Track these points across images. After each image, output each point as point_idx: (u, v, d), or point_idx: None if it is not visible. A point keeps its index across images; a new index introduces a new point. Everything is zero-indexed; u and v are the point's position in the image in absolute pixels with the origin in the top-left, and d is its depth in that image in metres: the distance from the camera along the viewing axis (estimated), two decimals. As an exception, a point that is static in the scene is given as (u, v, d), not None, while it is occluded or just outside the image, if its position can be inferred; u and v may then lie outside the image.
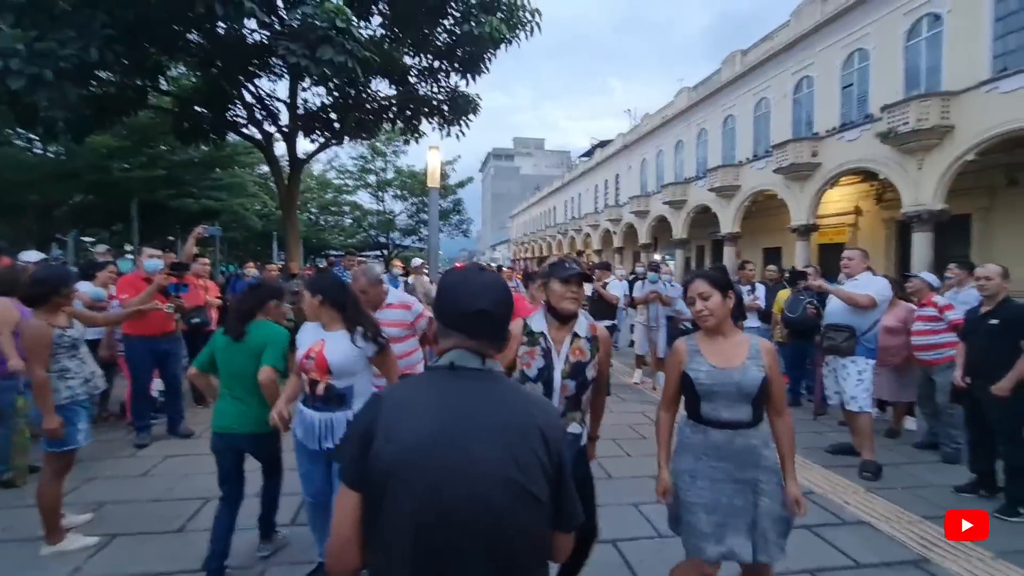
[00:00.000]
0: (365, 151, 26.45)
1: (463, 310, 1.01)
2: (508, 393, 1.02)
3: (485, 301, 1.01)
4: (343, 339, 2.31)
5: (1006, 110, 11.62)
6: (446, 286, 1.08)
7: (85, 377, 2.85)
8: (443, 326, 1.05)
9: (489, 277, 1.07)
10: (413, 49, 9.71)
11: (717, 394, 1.87)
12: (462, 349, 1.01)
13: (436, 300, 1.08)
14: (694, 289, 1.93)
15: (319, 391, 2.30)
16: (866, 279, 4.25)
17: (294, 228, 9.93)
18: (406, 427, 0.93)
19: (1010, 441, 3.36)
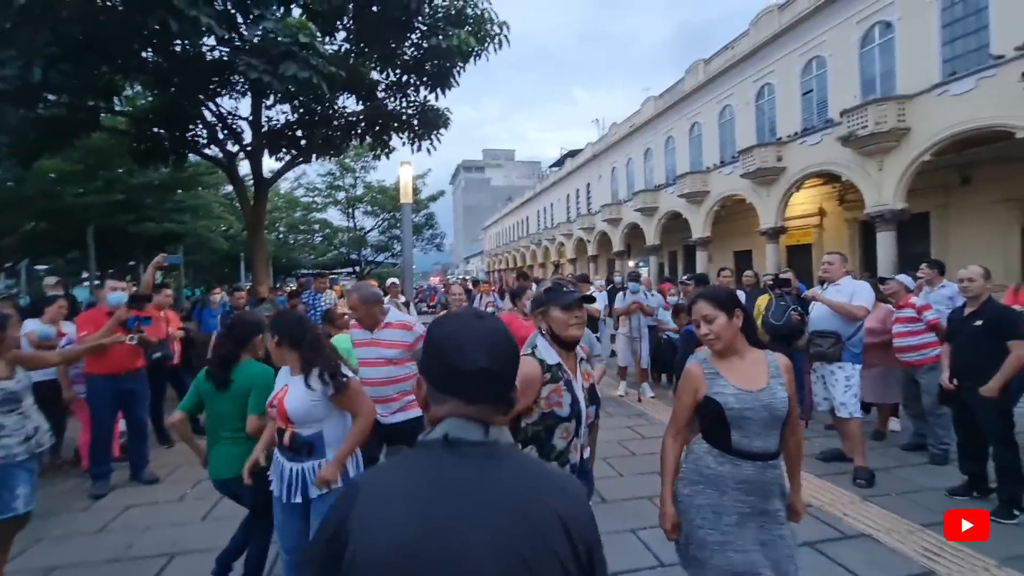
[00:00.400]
0: (334, 168, 26.00)
1: (460, 369, 0.83)
2: (517, 473, 0.82)
3: (487, 357, 0.83)
4: (302, 383, 2.13)
5: (957, 112, 12.12)
6: (437, 339, 0.88)
7: (26, 434, 2.55)
8: (435, 389, 0.86)
9: (490, 326, 0.89)
10: (380, 64, 9.53)
11: (749, 420, 1.72)
12: (459, 417, 0.83)
13: (425, 356, 0.89)
14: (697, 311, 1.83)
15: (285, 440, 2.14)
16: (847, 283, 4.26)
17: (261, 250, 9.56)
18: (386, 526, 0.74)
19: (1000, 442, 3.35)
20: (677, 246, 26.90)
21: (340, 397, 2.16)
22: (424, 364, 0.89)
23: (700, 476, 1.81)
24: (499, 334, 0.88)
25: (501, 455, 0.83)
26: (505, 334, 0.89)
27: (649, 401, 6.63)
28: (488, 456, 0.82)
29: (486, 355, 0.83)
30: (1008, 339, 3.30)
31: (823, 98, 16.37)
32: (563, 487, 0.84)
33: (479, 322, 0.89)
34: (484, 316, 0.92)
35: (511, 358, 0.88)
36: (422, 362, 0.89)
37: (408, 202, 7.96)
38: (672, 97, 24.35)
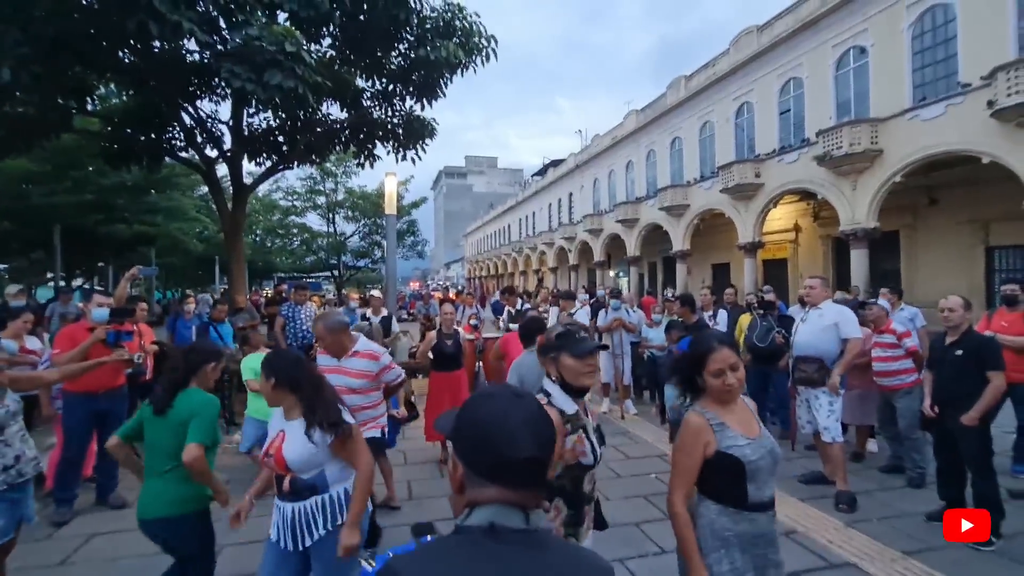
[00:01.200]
0: (314, 172, 25.63)
1: (507, 458, 0.81)
2: (559, 562, 0.80)
3: (534, 444, 0.82)
4: (300, 430, 2.01)
5: (927, 136, 12.58)
6: (478, 423, 0.85)
7: (4, 464, 2.38)
8: (476, 474, 0.84)
9: (532, 408, 0.87)
10: (366, 72, 9.44)
11: (762, 471, 1.67)
12: (502, 504, 0.81)
13: (465, 441, 0.87)
14: (723, 359, 1.71)
15: (285, 487, 2.04)
16: (829, 308, 4.35)
17: (239, 258, 9.32)
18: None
19: (979, 470, 3.43)
20: (657, 258, 27.24)
21: (340, 446, 2.03)
22: (464, 449, 0.86)
23: (720, 541, 1.69)
24: (542, 417, 0.88)
25: (542, 542, 0.81)
26: (546, 416, 0.89)
27: (632, 418, 6.63)
28: (530, 544, 0.80)
29: (533, 442, 0.83)
30: (988, 369, 3.39)
31: (800, 118, 16.82)
32: (601, 571, 0.84)
33: (521, 404, 0.87)
34: (523, 396, 0.90)
35: (553, 441, 0.89)
36: (461, 446, 0.87)
37: (392, 213, 7.85)
38: (654, 111, 24.74)
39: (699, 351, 1.77)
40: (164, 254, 25.22)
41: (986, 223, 13.55)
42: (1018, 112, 10.36)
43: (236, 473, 4.41)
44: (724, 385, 1.72)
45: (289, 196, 27.03)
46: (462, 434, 0.86)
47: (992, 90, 10.87)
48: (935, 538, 3.47)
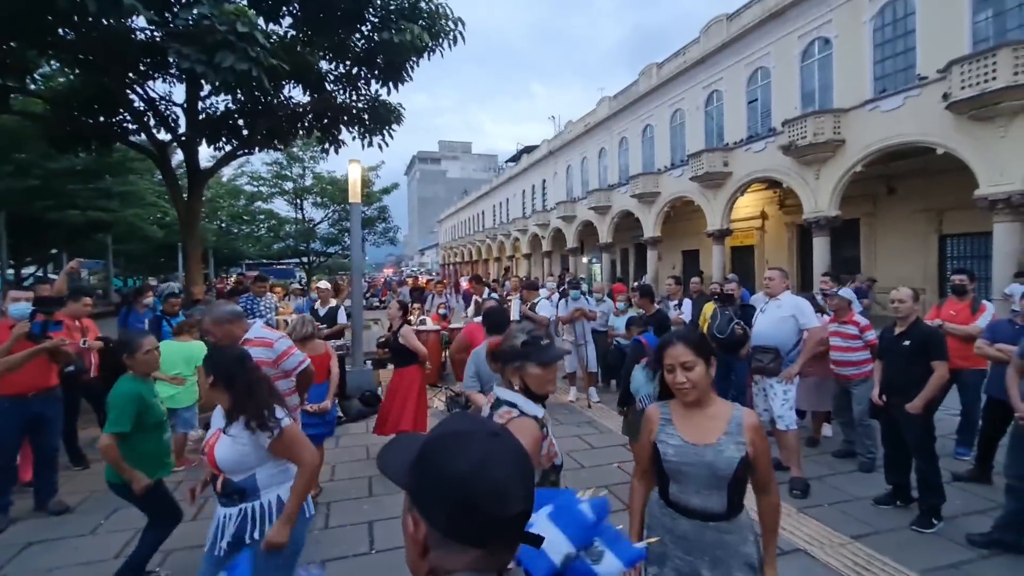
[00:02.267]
0: (281, 157, 24.85)
1: (498, 519, 0.65)
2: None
3: (525, 495, 0.67)
4: (236, 428, 1.97)
5: (886, 127, 12.92)
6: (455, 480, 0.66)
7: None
8: (447, 536, 0.66)
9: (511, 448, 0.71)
10: (329, 54, 9.10)
11: (686, 475, 1.66)
12: (477, 572, 0.66)
13: (434, 501, 0.67)
14: (674, 356, 1.67)
15: (218, 487, 1.98)
16: (787, 299, 4.42)
17: (196, 248, 8.96)
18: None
19: (923, 456, 3.56)
20: (629, 244, 27.49)
21: (279, 446, 1.99)
22: (436, 511, 0.67)
23: (650, 519, 1.81)
24: (524, 456, 0.72)
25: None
26: (525, 453, 0.73)
27: (598, 408, 6.69)
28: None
29: (525, 492, 0.67)
30: (932, 359, 3.51)
31: (767, 107, 17.06)
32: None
33: (502, 445, 0.70)
34: (499, 432, 0.73)
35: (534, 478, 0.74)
36: (431, 506, 0.68)
37: (357, 201, 7.64)
38: (626, 99, 24.75)
39: (659, 345, 1.78)
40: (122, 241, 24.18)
41: (940, 212, 14.07)
42: (971, 105, 10.71)
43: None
44: (674, 382, 1.69)
45: (255, 181, 26.17)
46: (433, 493, 0.67)
47: (947, 83, 11.20)
48: (882, 521, 3.61)
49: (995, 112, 10.50)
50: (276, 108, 9.44)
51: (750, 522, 1.73)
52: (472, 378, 3.45)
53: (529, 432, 1.64)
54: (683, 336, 1.74)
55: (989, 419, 4.13)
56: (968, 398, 4.66)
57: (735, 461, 1.62)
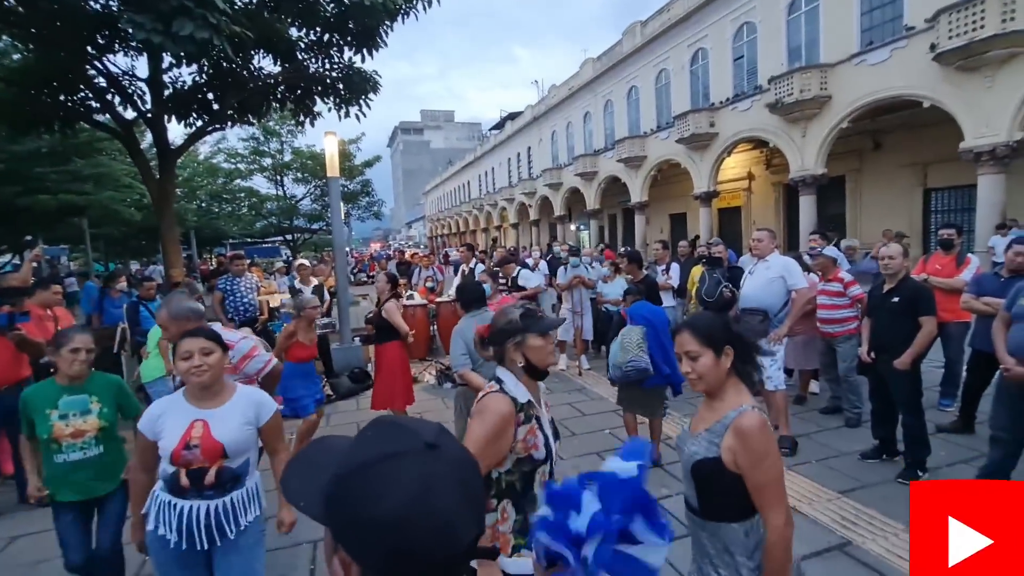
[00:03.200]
0: (257, 132, 24.10)
1: (444, 556, 0.54)
2: None
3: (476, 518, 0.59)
4: (234, 411, 1.94)
5: (873, 81, 12.73)
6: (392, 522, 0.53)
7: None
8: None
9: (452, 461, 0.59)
10: (297, 20, 8.66)
11: (680, 463, 1.61)
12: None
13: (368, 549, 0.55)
14: (680, 344, 1.56)
15: (209, 479, 1.87)
16: (775, 260, 4.38)
17: (171, 228, 8.70)
18: None
19: (909, 411, 3.59)
20: (616, 210, 27.34)
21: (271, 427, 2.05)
22: (366, 553, 0.55)
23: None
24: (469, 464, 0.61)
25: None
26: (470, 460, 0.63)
27: (588, 375, 6.71)
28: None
29: (475, 514, 0.58)
30: (920, 314, 3.50)
31: (753, 65, 16.72)
32: None
33: (441, 460, 0.58)
34: (436, 444, 0.59)
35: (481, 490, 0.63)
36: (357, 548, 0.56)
37: (335, 175, 7.41)
38: (610, 60, 24.14)
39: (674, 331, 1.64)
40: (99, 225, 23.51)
41: (925, 166, 14.05)
42: (958, 55, 10.55)
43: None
44: (683, 370, 1.57)
45: (232, 159, 25.45)
46: (364, 538, 0.55)
47: (935, 33, 10.99)
48: (868, 476, 3.67)
49: (982, 62, 10.35)
50: (246, 80, 9.05)
51: (742, 540, 1.46)
52: (463, 355, 3.37)
53: (495, 409, 1.59)
54: (691, 323, 1.58)
55: (974, 371, 4.18)
56: (952, 350, 4.71)
57: (694, 459, 1.50)
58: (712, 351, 1.50)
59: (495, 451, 1.59)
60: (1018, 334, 3.13)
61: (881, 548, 2.83)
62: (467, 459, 0.62)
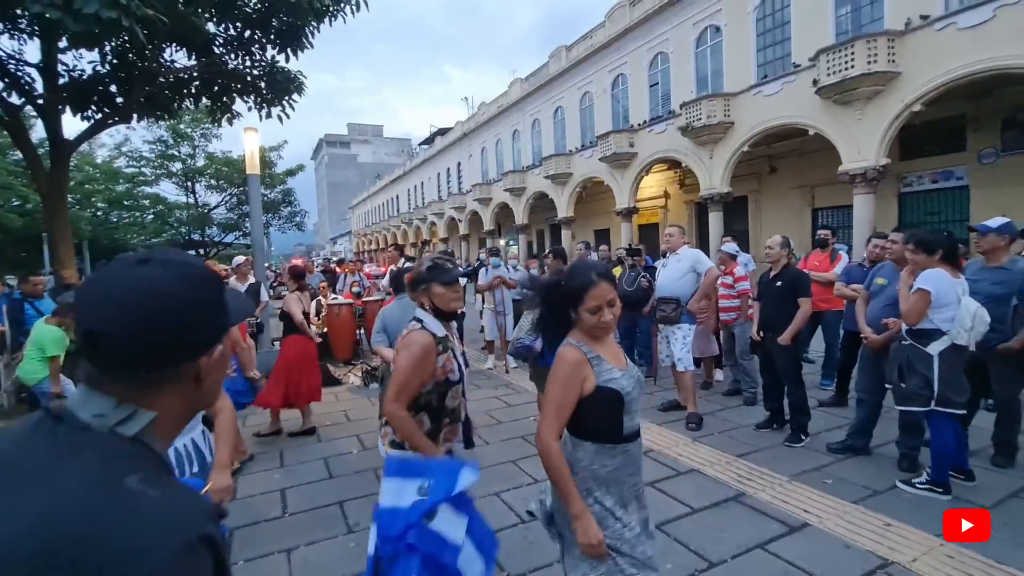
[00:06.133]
0: (165, 134, 22.47)
1: (80, 328, 0.65)
2: (69, 481, 0.56)
3: (97, 316, 0.63)
4: None
5: (768, 110, 14.22)
6: (79, 290, 0.74)
7: None
8: None
9: (138, 274, 0.65)
10: (216, 14, 8.33)
11: (635, 400, 1.64)
12: (87, 386, 0.65)
13: None
14: (601, 295, 1.58)
15: None
16: (686, 252, 4.80)
17: (63, 227, 7.92)
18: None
19: (792, 382, 4.07)
20: (544, 225, 28.13)
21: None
22: None
23: (596, 480, 1.61)
24: (141, 287, 0.64)
25: (89, 444, 0.61)
26: (153, 288, 0.65)
27: (515, 372, 6.88)
28: (73, 443, 0.61)
29: (99, 314, 0.63)
30: (799, 296, 3.99)
31: (667, 91, 18.08)
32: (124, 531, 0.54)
33: (134, 269, 0.66)
34: (149, 261, 0.68)
35: (153, 318, 0.64)
36: None
37: (255, 172, 7.16)
38: (537, 80, 25.09)
39: (578, 284, 1.61)
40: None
41: (812, 188, 15.79)
42: (835, 90, 12.06)
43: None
44: (600, 322, 1.60)
45: (135, 162, 23.48)
46: None
47: (816, 70, 12.51)
48: (761, 442, 4.09)
49: (853, 96, 11.91)
50: (156, 72, 8.53)
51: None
52: (379, 333, 3.51)
53: (420, 342, 1.94)
54: (603, 273, 1.63)
55: (846, 349, 4.79)
56: (830, 335, 5.37)
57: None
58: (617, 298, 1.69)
59: (420, 375, 1.93)
60: (874, 308, 3.67)
61: (768, 496, 3.18)
62: (152, 278, 0.66)
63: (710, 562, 2.55)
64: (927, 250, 3.13)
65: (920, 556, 2.51)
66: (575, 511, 1.53)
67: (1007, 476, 3.34)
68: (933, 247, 3.13)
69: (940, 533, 2.67)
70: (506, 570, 2.57)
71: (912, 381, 3.08)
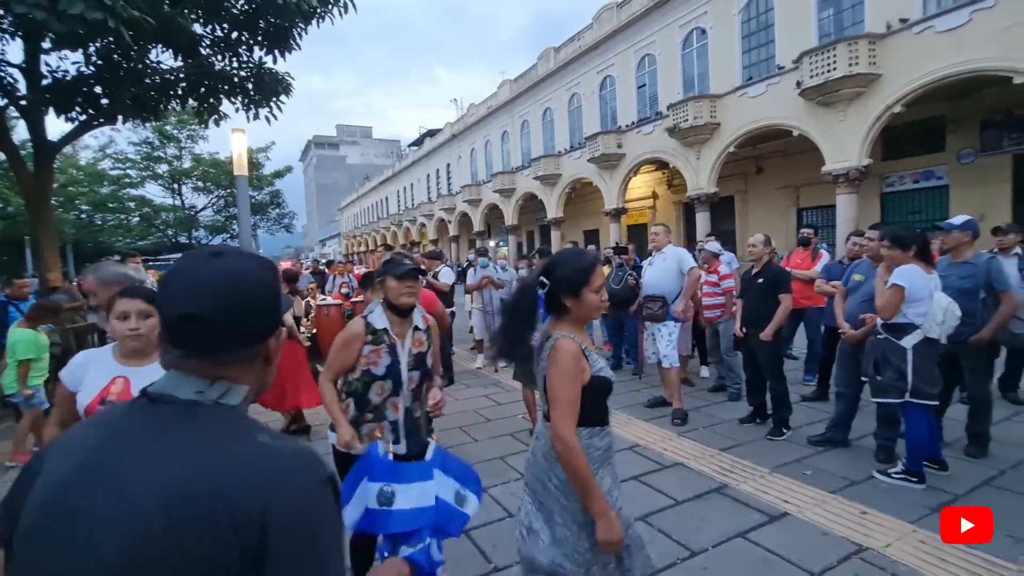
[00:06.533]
0: (151, 136, 22.25)
1: (165, 317, 0.72)
2: (206, 442, 0.68)
3: (195, 302, 0.70)
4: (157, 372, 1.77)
5: (753, 111, 14.43)
6: (160, 281, 0.79)
7: None
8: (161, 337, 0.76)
9: (218, 265, 0.74)
10: (203, 15, 8.30)
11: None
12: (176, 370, 0.73)
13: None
14: (603, 275, 1.66)
15: None
16: (671, 251, 4.90)
17: (48, 229, 7.84)
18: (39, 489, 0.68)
19: (774, 377, 4.16)
20: (533, 226, 28.24)
21: None
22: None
23: (595, 463, 1.61)
24: (225, 275, 0.73)
25: (202, 420, 0.71)
26: (236, 275, 0.74)
27: (503, 371, 6.91)
28: (185, 419, 0.70)
29: (196, 300, 0.70)
30: (780, 293, 4.09)
31: (654, 92, 18.26)
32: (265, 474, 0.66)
33: (209, 262, 0.74)
34: (223, 253, 0.77)
35: (239, 303, 0.73)
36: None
37: (243, 174, 7.13)
38: (526, 82, 25.20)
39: (584, 264, 1.61)
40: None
41: (797, 188, 16.04)
42: (818, 92, 12.28)
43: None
44: (601, 302, 1.64)
45: (120, 164, 23.20)
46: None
47: (800, 72, 12.73)
48: (744, 436, 4.18)
49: (836, 98, 12.13)
50: (142, 73, 8.47)
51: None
52: None
53: (348, 328, 2.13)
54: (596, 257, 1.70)
55: (827, 345, 4.90)
56: (811, 332, 5.48)
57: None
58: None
59: (341, 357, 2.10)
60: (851, 304, 3.78)
61: (750, 488, 3.26)
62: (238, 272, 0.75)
63: (692, 551, 2.62)
64: (901, 246, 3.23)
65: (894, 542, 2.59)
66: (599, 509, 1.52)
67: (979, 465, 3.46)
68: (907, 243, 3.23)
69: (914, 520, 2.77)
70: (493, 562, 2.61)
71: (887, 374, 3.18)
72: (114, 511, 0.62)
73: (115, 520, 0.61)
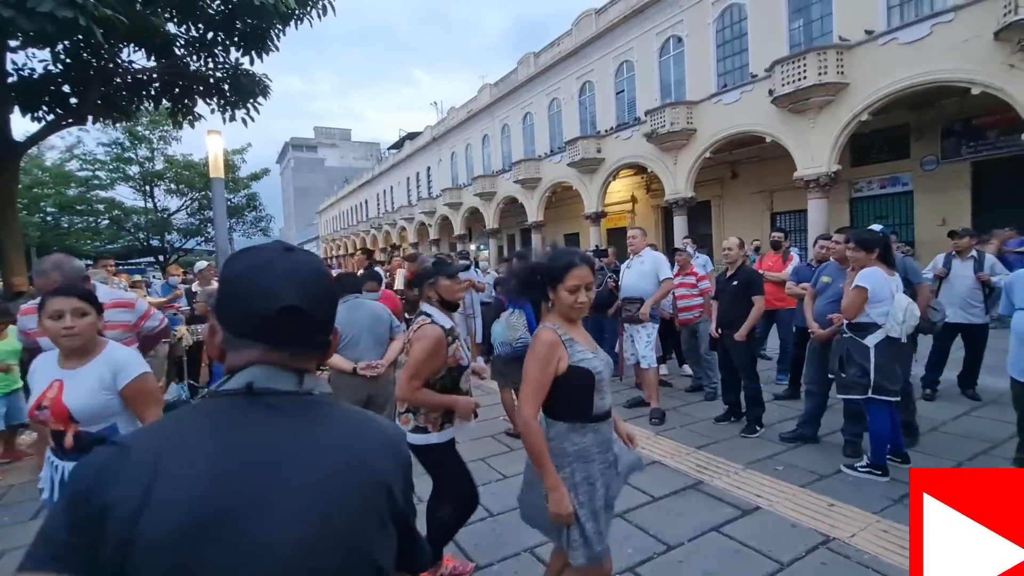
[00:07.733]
0: (121, 136, 21.68)
1: (262, 310, 0.70)
2: (333, 424, 0.74)
3: (295, 294, 0.71)
4: (90, 374, 1.77)
5: (728, 118, 14.76)
6: (232, 277, 0.74)
7: None
8: (232, 334, 0.74)
9: (299, 259, 0.77)
10: (177, 15, 8.17)
11: (605, 381, 1.73)
12: (266, 365, 0.73)
13: (218, 299, 0.75)
14: (581, 277, 1.68)
15: (68, 443, 1.75)
16: (648, 255, 5.00)
17: (13, 232, 7.61)
18: (169, 494, 0.62)
19: (747, 376, 4.28)
20: (514, 229, 28.33)
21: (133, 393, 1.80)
22: (220, 308, 0.75)
23: (567, 456, 1.71)
24: (314, 271, 0.77)
25: (315, 407, 0.75)
26: (317, 268, 0.78)
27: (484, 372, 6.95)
28: (299, 407, 0.73)
29: (295, 292, 0.72)
30: (753, 295, 4.22)
31: (632, 98, 18.54)
32: (386, 436, 0.80)
33: (288, 257, 0.76)
34: (294, 250, 0.78)
35: (326, 295, 0.78)
36: (217, 305, 0.75)
37: (219, 176, 7.04)
38: (507, 86, 25.32)
39: (560, 264, 1.70)
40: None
41: (771, 193, 16.45)
42: (789, 100, 12.63)
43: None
44: (577, 303, 1.69)
45: (89, 165, 22.54)
46: (219, 294, 0.75)
47: (772, 81, 13.08)
48: (719, 434, 4.29)
49: (807, 106, 12.51)
50: (112, 73, 8.30)
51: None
52: None
53: (432, 335, 2.21)
54: (585, 258, 1.73)
55: (798, 345, 5.05)
56: (783, 333, 5.64)
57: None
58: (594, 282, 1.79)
59: (432, 364, 2.21)
60: (819, 304, 3.92)
61: (724, 483, 3.35)
62: (314, 266, 0.79)
63: (668, 545, 2.69)
64: (865, 248, 3.38)
65: (858, 532, 2.71)
66: (550, 483, 1.65)
67: (939, 459, 3.62)
68: (871, 245, 3.37)
69: (877, 511, 2.90)
70: (475, 560, 2.64)
71: (851, 371, 3.32)
72: (290, 502, 0.65)
73: (287, 512, 0.65)
